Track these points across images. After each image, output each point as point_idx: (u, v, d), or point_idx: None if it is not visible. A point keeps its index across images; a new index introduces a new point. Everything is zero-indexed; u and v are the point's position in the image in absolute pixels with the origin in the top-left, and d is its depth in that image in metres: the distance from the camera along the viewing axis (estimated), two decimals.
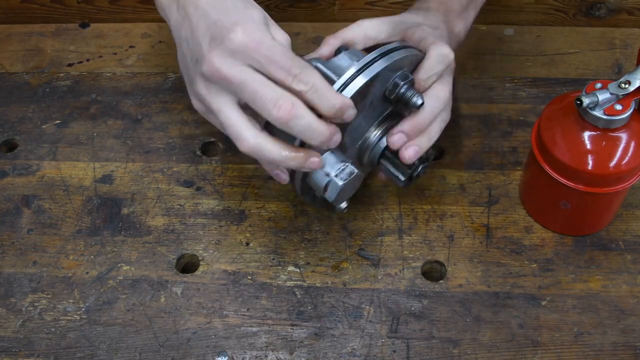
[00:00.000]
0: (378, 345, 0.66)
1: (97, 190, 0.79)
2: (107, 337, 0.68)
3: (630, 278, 0.70)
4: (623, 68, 0.88)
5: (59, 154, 0.82)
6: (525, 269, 0.71)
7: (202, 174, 0.80)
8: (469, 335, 0.67)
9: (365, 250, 0.73)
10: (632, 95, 0.62)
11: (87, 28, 0.97)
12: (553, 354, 0.65)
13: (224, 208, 0.77)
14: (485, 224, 0.74)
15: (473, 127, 0.82)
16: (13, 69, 0.92)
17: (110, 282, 0.72)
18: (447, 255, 0.72)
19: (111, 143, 0.83)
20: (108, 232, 0.75)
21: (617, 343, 0.66)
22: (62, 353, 0.67)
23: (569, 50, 0.90)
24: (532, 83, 0.86)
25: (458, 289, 0.70)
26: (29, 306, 0.70)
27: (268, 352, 0.66)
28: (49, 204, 0.78)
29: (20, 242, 0.75)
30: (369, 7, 0.94)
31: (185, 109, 0.86)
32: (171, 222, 0.76)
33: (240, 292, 0.70)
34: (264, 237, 0.74)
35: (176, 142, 0.83)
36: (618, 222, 0.74)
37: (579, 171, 0.65)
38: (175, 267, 0.72)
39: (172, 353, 0.66)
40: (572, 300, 0.69)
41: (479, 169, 0.78)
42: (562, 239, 0.73)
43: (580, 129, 0.64)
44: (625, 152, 0.64)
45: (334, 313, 0.69)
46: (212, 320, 0.69)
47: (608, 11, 0.91)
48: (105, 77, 0.90)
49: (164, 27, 0.96)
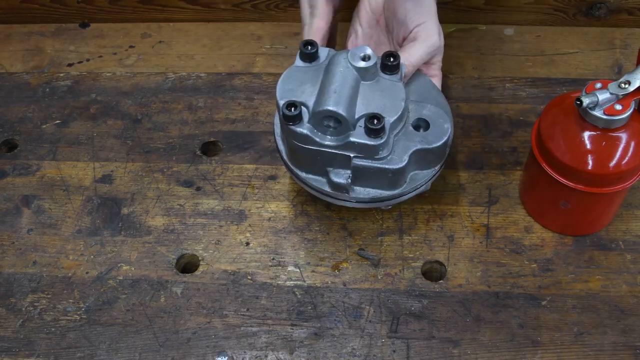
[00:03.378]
0: (378, 345, 0.66)
1: (97, 190, 0.79)
2: (107, 337, 0.68)
3: (630, 278, 0.70)
4: (623, 68, 0.88)
5: (59, 154, 0.82)
6: (525, 269, 0.71)
7: (202, 174, 0.80)
8: (469, 335, 0.67)
9: (365, 250, 0.73)
10: (632, 95, 0.62)
11: (87, 28, 0.97)
12: (553, 354, 0.65)
13: (224, 208, 0.77)
14: (485, 224, 0.74)
15: (473, 127, 0.82)
16: (13, 69, 0.92)
17: (110, 282, 0.72)
18: (447, 255, 0.72)
19: (111, 143, 0.83)
20: (108, 232, 0.75)
21: (617, 343, 0.66)
22: (62, 353, 0.67)
23: (569, 50, 0.90)
24: (532, 83, 0.86)
25: (458, 289, 0.70)
26: (29, 306, 0.70)
27: (268, 352, 0.66)
28: (49, 204, 0.78)
29: (20, 242, 0.75)
30: None
31: (185, 108, 0.86)
32: (171, 222, 0.76)
33: (240, 292, 0.70)
34: (264, 237, 0.74)
35: (176, 142, 0.83)
36: (618, 222, 0.74)
37: (579, 171, 0.65)
38: (175, 267, 0.72)
39: (172, 353, 0.67)
40: (572, 300, 0.69)
41: (479, 169, 0.78)
42: (562, 239, 0.73)
43: (580, 129, 0.64)
44: (625, 152, 0.64)
45: (334, 313, 0.69)
46: (212, 320, 0.69)
47: (608, 11, 0.91)
48: (105, 77, 0.90)
49: (164, 27, 0.96)
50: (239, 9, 0.94)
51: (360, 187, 0.66)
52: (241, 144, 0.82)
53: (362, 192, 0.66)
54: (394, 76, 0.64)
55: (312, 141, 0.63)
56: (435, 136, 0.64)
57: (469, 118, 0.83)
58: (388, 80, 0.64)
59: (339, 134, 0.62)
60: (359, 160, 0.63)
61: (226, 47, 0.93)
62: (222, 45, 0.94)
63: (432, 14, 0.69)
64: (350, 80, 0.62)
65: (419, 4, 0.69)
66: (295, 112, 0.61)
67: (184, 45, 0.94)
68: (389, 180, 0.64)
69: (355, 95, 0.62)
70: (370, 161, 0.63)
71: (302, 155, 0.64)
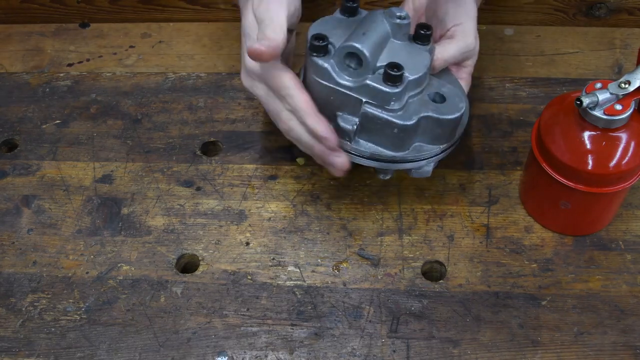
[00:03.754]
0: (378, 345, 0.66)
1: (97, 190, 0.79)
2: (107, 337, 0.68)
3: (630, 278, 0.70)
4: (623, 68, 0.88)
5: (59, 154, 0.82)
6: (525, 269, 0.71)
7: (202, 174, 0.80)
8: (469, 335, 0.67)
9: (365, 250, 0.73)
10: (632, 95, 0.62)
11: (87, 28, 0.97)
12: (553, 354, 0.65)
13: (224, 208, 0.77)
14: (485, 224, 0.74)
15: (473, 127, 0.82)
16: (13, 69, 0.92)
17: (110, 282, 0.72)
18: (447, 255, 0.72)
19: (111, 143, 0.83)
20: (108, 232, 0.75)
21: (617, 343, 0.66)
22: (62, 353, 0.67)
23: (569, 50, 0.90)
24: (532, 83, 0.87)
25: (458, 289, 0.70)
26: (29, 306, 0.70)
27: (268, 352, 0.66)
28: (49, 204, 0.78)
29: (20, 242, 0.75)
30: (369, 7, 0.93)
31: (185, 108, 0.86)
32: (171, 222, 0.76)
33: (240, 292, 0.70)
34: (264, 237, 0.74)
35: (176, 142, 0.83)
36: (618, 222, 0.74)
37: (579, 171, 0.65)
38: (175, 267, 0.72)
39: (172, 353, 0.67)
40: (572, 300, 0.69)
41: (479, 169, 0.78)
42: (562, 239, 0.73)
43: (580, 129, 0.64)
44: (625, 152, 0.64)
45: (334, 313, 0.69)
46: (212, 320, 0.69)
47: (608, 11, 0.91)
48: (105, 77, 0.90)
49: (164, 27, 0.96)
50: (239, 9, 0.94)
51: (364, 141, 0.66)
52: (241, 144, 0.82)
53: (365, 145, 0.66)
54: (424, 46, 0.66)
55: (330, 77, 0.64)
56: (449, 109, 0.65)
57: (469, 118, 0.83)
58: (417, 47, 0.66)
59: (357, 75, 0.63)
60: (369, 107, 0.64)
61: (226, 47, 0.93)
62: (222, 45, 0.94)
63: (471, 16, 0.71)
64: (381, 30, 0.64)
65: (459, 5, 0.70)
66: (322, 44, 0.63)
67: (184, 45, 0.94)
68: (393, 138, 0.65)
69: (382, 45, 0.64)
70: (381, 110, 0.64)
71: (317, 93, 0.65)
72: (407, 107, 0.65)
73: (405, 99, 0.64)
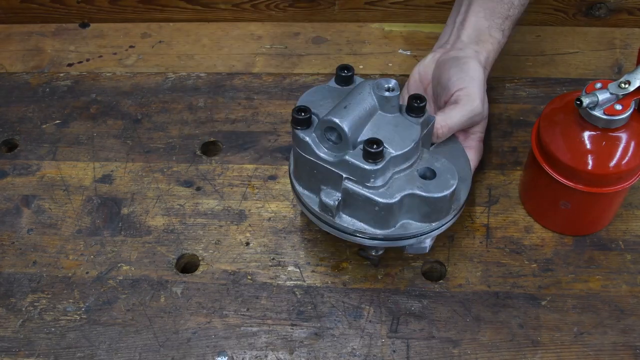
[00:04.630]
0: (378, 345, 0.66)
1: (97, 190, 0.79)
2: (107, 337, 0.68)
3: (630, 278, 0.70)
4: (623, 68, 0.88)
5: (59, 154, 0.82)
6: (525, 269, 0.71)
7: (202, 174, 0.80)
8: (469, 335, 0.67)
9: (365, 251, 0.73)
10: (632, 95, 0.62)
11: (87, 28, 0.97)
12: (553, 354, 0.65)
13: (223, 208, 0.77)
14: (485, 224, 0.74)
15: None
16: (13, 69, 0.92)
17: (110, 282, 0.72)
18: (447, 255, 0.72)
19: (111, 143, 0.83)
20: (108, 232, 0.75)
21: (617, 343, 0.66)
22: (62, 353, 0.67)
23: (569, 50, 0.90)
24: (532, 83, 0.86)
25: (458, 289, 0.70)
26: (29, 306, 0.70)
27: (268, 352, 0.66)
28: (49, 204, 0.78)
29: (20, 242, 0.75)
30: (369, 7, 0.94)
31: (185, 108, 0.86)
32: (171, 222, 0.76)
33: (240, 292, 0.70)
34: (264, 237, 0.74)
35: (176, 142, 0.83)
36: (618, 222, 0.74)
37: (579, 171, 0.65)
38: (175, 267, 0.72)
39: (172, 353, 0.67)
40: (572, 300, 0.69)
41: (479, 169, 0.78)
42: (562, 239, 0.73)
43: (580, 129, 0.64)
44: (625, 152, 0.64)
45: (334, 313, 0.69)
46: (212, 320, 0.69)
47: (608, 11, 0.91)
48: (105, 77, 0.90)
49: (164, 27, 0.96)
50: (239, 9, 0.95)
51: (348, 217, 0.64)
52: (241, 144, 0.82)
53: (348, 221, 0.64)
54: (416, 119, 0.63)
55: (310, 151, 0.62)
56: (437, 187, 0.61)
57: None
58: (407, 120, 0.62)
59: (337, 150, 0.61)
60: (350, 183, 0.61)
61: (226, 47, 0.93)
62: (222, 45, 0.94)
63: (476, 80, 0.68)
64: (366, 104, 0.61)
65: (463, 70, 0.69)
66: (304, 117, 0.61)
67: (184, 45, 0.94)
68: (376, 216, 0.62)
69: (366, 120, 0.61)
70: (361, 187, 0.61)
71: (301, 165, 0.64)
72: (392, 183, 0.61)
73: (389, 175, 0.61)
